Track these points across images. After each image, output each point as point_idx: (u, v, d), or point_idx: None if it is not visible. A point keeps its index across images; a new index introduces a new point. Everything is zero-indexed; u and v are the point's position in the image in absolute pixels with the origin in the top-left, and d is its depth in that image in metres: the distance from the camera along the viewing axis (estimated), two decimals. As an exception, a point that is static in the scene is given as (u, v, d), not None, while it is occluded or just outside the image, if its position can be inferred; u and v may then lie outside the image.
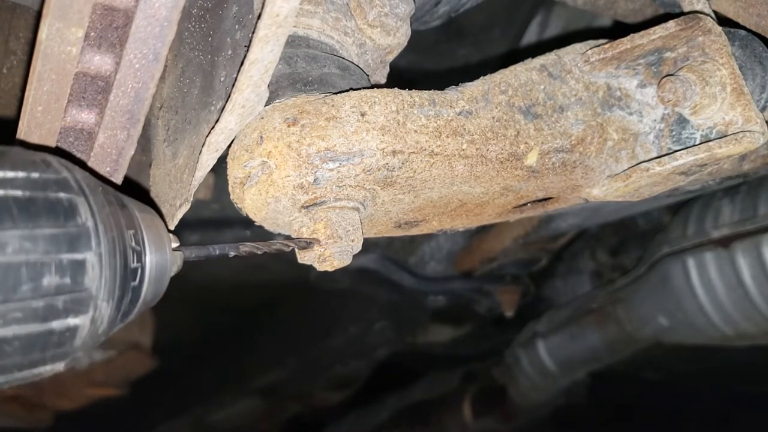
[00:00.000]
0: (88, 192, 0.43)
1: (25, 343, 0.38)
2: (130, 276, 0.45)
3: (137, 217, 0.48)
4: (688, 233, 1.35)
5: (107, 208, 0.44)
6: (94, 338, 0.42)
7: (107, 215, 0.43)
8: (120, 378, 1.99)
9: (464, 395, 2.19)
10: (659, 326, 1.48)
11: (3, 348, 0.37)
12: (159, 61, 0.55)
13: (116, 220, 0.44)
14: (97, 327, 0.42)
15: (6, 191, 0.38)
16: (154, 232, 0.49)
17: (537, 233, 1.64)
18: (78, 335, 0.41)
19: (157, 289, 0.49)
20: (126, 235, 0.45)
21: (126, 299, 0.45)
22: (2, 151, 0.41)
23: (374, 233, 0.73)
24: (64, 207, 0.40)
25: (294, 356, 2.19)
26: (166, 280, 0.50)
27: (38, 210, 0.39)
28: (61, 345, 0.40)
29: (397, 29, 0.67)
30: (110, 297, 0.42)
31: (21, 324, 0.37)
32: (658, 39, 0.66)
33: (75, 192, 0.42)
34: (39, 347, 0.39)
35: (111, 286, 0.42)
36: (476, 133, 0.60)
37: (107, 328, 0.44)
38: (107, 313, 0.43)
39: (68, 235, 0.39)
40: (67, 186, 0.42)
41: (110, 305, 0.43)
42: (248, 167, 0.57)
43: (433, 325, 2.24)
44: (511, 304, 2.03)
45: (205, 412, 2.35)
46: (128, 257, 0.45)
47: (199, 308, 1.95)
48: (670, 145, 0.68)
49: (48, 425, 2.01)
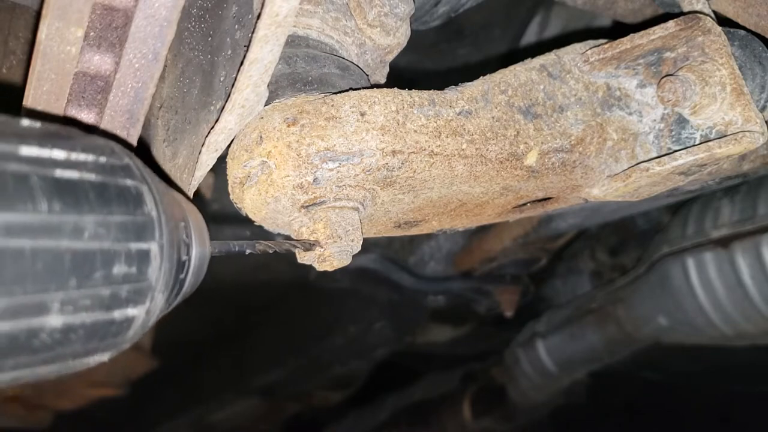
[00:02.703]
0: (150, 180, 0.42)
1: (88, 332, 0.37)
2: (181, 268, 0.45)
3: (185, 208, 0.48)
4: (688, 233, 1.35)
5: (166, 198, 0.43)
6: (143, 329, 0.42)
7: (168, 205, 0.43)
8: (120, 378, 1.99)
9: (464, 395, 2.19)
10: (659, 326, 1.48)
11: (68, 336, 0.36)
12: (159, 61, 0.55)
13: (173, 210, 0.44)
14: (150, 318, 0.42)
15: (81, 174, 0.37)
16: (199, 225, 0.49)
17: (537, 233, 1.64)
18: (133, 326, 0.40)
19: (195, 282, 0.49)
20: (180, 227, 0.44)
21: (174, 291, 0.45)
22: (63, 131, 0.40)
23: (374, 233, 0.73)
24: (132, 195, 0.40)
25: (294, 356, 2.19)
26: (203, 274, 0.49)
27: (110, 196, 0.38)
28: (117, 335, 0.39)
29: (397, 29, 0.67)
30: (166, 288, 0.42)
31: (89, 312, 0.36)
32: (657, 39, 0.66)
33: (139, 179, 0.41)
34: (99, 336, 0.38)
35: (168, 277, 0.42)
36: (476, 133, 0.60)
37: (154, 320, 0.43)
38: (159, 305, 0.42)
39: (136, 224, 0.39)
40: (132, 173, 0.41)
41: (164, 297, 0.42)
42: (248, 167, 0.57)
43: (433, 325, 2.24)
44: (511, 304, 2.03)
45: (205, 412, 2.34)
46: (181, 249, 0.44)
47: (199, 308, 1.95)
48: (670, 145, 0.68)
49: (48, 425, 2.01)
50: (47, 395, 1.96)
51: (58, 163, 0.37)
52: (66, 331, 0.36)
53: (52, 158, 0.36)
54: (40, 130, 0.38)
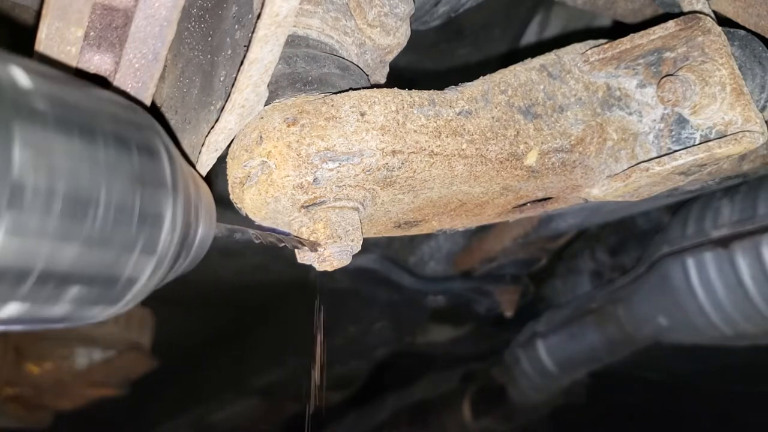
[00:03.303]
0: (171, 149, 0.42)
1: (90, 280, 0.37)
2: (186, 243, 0.44)
3: (198, 184, 0.47)
4: (688, 233, 1.35)
5: (183, 169, 0.43)
6: (141, 295, 0.42)
7: (184, 177, 0.42)
8: (120, 378, 1.99)
9: (464, 395, 2.19)
10: (659, 326, 1.48)
11: (71, 277, 0.36)
12: (158, 61, 0.55)
13: (187, 183, 0.44)
14: (149, 285, 0.41)
15: (118, 127, 0.37)
16: (208, 203, 0.48)
17: (536, 233, 1.64)
18: (133, 289, 0.40)
19: (195, 260, 0.48)
20: (191, 201, 0.44)
21: (175, 265, 0.44)
22: (94, 89, 0.40)
23: (374, 233, 0.73)
24: (156, 154, 0.40)
25: (294, 356, 2.19)
26: (203, 253, 0.49)
27: (138, 152, 0.38)
28: (116, 294, 0.39)
29: (397, 29, 0.67)
30: (171, 259, 0.42)
31: (96, 259, 0.36)
32: (657, 39, 0.66)
33: (162, 144, 0.41)
34: (99, 289, 0.38)
35: (175, 249, 0.42)
36: (476, 133, 0.60)
37: (151, 288, 0.43)
38: (160, 274, 0.42)
39: (154, 184, 0.39)
40: (157, 133, 0.41)
41: (167, 267, 0.42)
42: (248, 167, 0.57)
43: (433, 325, 2.24)
44: (511, 304, 2.03)
45: (205, 412, 2.34)
46: (190, 223, 0.44)
47: (199, 308, 1.95)
48: (670, 145, 0.68)
49: (48, 425, 2.01)
50: (47, 395, 1.96)
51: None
52: (72, 271, 0.35)
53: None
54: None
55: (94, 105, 0.37)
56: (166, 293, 0.50)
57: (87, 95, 0.38)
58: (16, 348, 1.85)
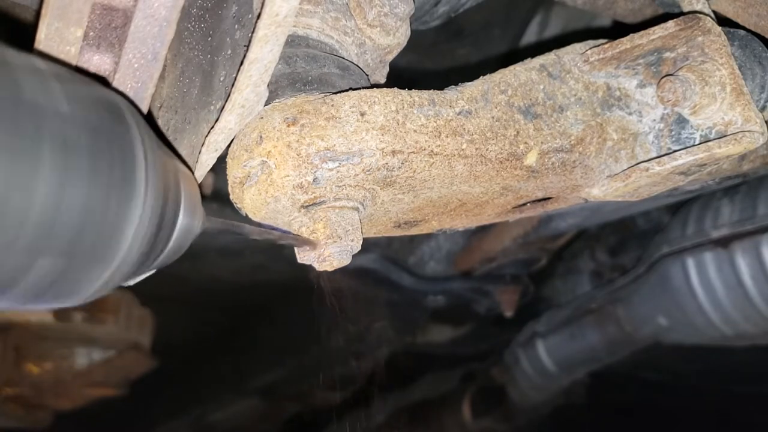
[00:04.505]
0: (145, 136, 0.41)
1: (47, 276, 0.36)
2: (163, 236, 0.43)
3: (180, 175, 0.46)
4: (688, 233, 1.35)
5: (159, 158, 0.42)
6: (105, 290, 0.41)
7: (159, 166, 0.41)
8: (120, 378, 1.99)
9: (464, 395, 2.19)
10: (659, 326, 1.48)
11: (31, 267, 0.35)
12: (158, 61, 0.55)
13: (165, 172, 0.42)
14: (112, 281, 0.40)
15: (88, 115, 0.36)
16: (191, 195, 0.47)
17: (536, 233, 1.64)
18: (94, 285, 0.39)
19: (176, 254, 0.47)
20: (169, 193, 0.43)
21: (150, 259, 0.43)
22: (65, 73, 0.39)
23: (374, 233, 0.73)
24: (125, 148, 0.38)
25: (294, 356, 2.19)
26: (186, 246, 0.47)
27: (105, 146, 0.37)
28: (73, 289, 0.38)
29: (397, 29, 0.67)
30: (139, 254, 0.40)
31: (54, 255, 0.35)
32: (657, 39, 0.66)
33: (134, 134, 0.39)
34: (56, 284, 0.37)
35: (144, 244, 0.40)
36: (476, 132, 0.60)
37: (118, 284, 0.42)
38: (126, 271, 0.41)
39: (123, 174, 0.37)
40: (127, 122, 0.40)
41: (135, 262, 0.41)
42: (248, 167, 0.57)
43: (433, 325, 2.24)
44: (511, 304, 2.03)
45: (205, 412, 2.35)
46: (166, 216, 0.42)
47: (199, 308, 1.95)
48: (670, 145, 0.68)
49: (48, 425, 2.01)
50: (47, 395, 1.96)
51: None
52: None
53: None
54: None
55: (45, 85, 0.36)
56: (166, 293, 0.50)
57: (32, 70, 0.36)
58: (16, 348, 1.85)
